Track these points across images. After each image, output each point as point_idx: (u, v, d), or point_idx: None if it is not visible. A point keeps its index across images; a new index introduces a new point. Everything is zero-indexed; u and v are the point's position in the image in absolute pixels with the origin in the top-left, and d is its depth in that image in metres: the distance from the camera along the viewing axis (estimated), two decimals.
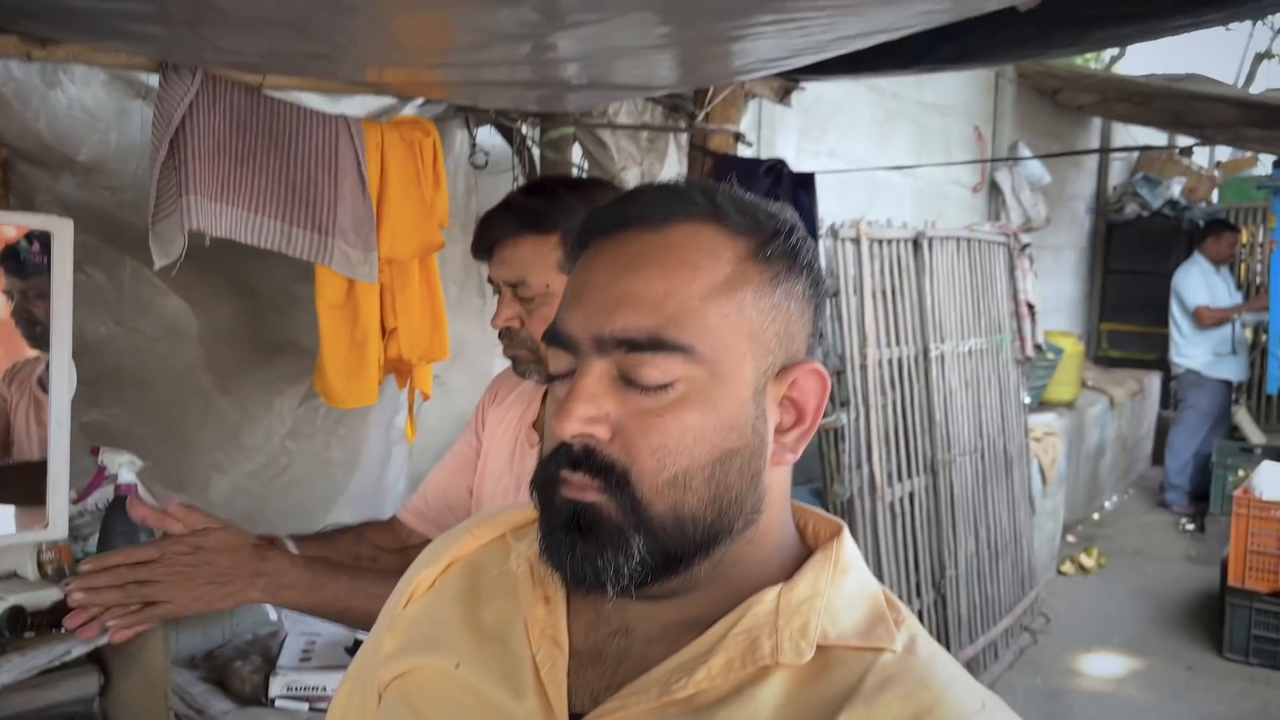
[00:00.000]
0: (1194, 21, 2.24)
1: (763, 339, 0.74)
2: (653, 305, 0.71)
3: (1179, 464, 6.92)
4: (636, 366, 0.71)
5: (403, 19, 1.57)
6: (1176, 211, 8.54)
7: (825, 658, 0.71)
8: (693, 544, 0.72)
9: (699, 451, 0.71)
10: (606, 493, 0.71)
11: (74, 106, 2.16)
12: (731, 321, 0.72)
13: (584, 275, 0.75)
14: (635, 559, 0.70)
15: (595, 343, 0.72)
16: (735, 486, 0.73)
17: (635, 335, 0.70)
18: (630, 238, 0.74)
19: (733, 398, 0.72)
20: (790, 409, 0.76)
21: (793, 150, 4.66)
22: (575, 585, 0.75)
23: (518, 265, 1.49)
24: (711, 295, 0.72)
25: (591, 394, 0.71)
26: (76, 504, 2.14)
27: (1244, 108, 6.05)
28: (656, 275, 0.71)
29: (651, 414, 0.71)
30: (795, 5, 1.51)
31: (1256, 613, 4.38)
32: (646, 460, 0.70)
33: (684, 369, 0.71)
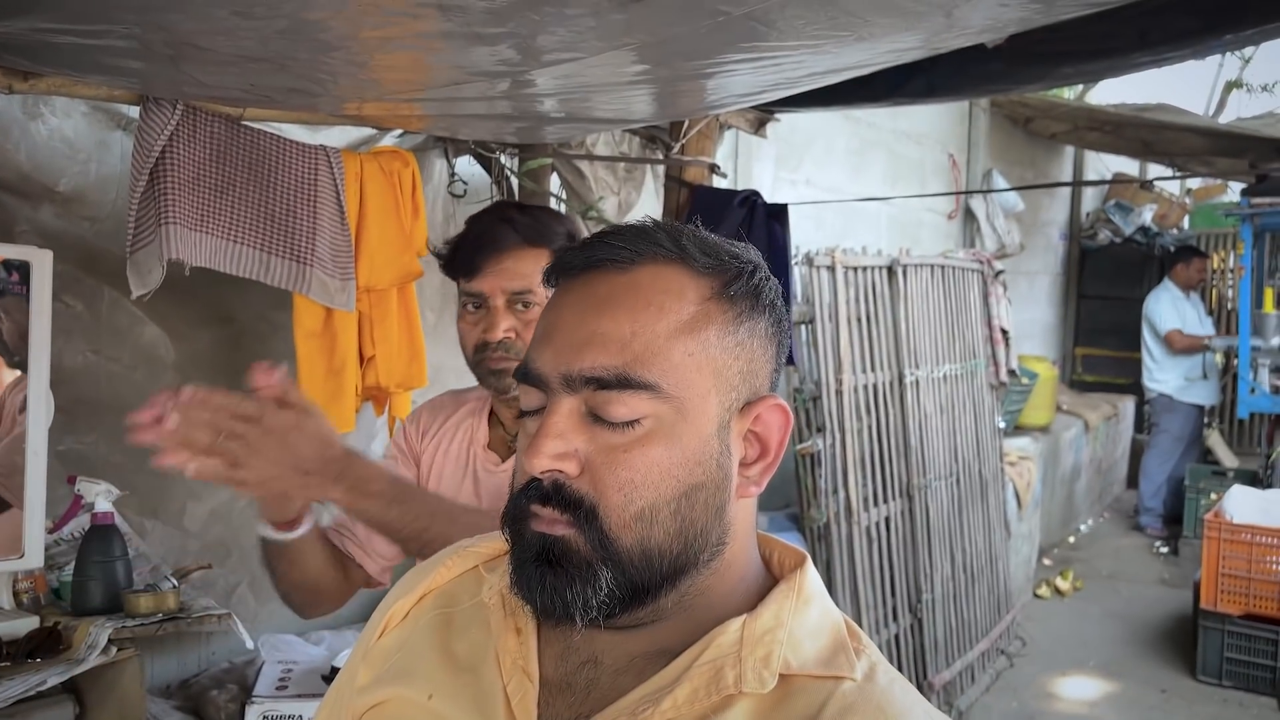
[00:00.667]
0: (1155, 59, 2.31)
1: (727, 376, 0.76)
2: (620, 344, 0.73)
3: (1153, 487, 6.99)
4: (604, 404, 0.73)
5: (381, 57, 1.59)
6: (1148, 238, 8.67)
7: (788, 686, 0.74)
8: (659, 576, 0.74)
9: (665, 486, 0.73)
10: (575, 527, 0.73)
11: (54, 137, 2.18)
12: (696, 360, 0.74)
13: (553, 315, 0.78)
14: (603, 591, 0.73)
15: (564, 381, 0.74)
16: (700, 520, 0.75)
17: (602, 374, 0.73)
18: (598, 278, 0.76)
19: (697, 434, 0.74)
20: (754, 443, 0.79)
21: (769, 179, 4.72)
22: (545, 617, 0.77)
23: (523, 276, 1.52)
24: (677, 334, 0.74)
25: (560, 430, 0.74)
26: (53, 533, 2.13)
27: (1212, 136, 6.16)
28: (623, 315, 0.74)
29: (619, 450, 0.73)
30: (766, 45, 1.55)
31: (1229, 635, 4.43)
32: (613, 495, 0.73)
33: (650, 406, 0.73)
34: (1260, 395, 6.02)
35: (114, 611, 1.98)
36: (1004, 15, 1.49)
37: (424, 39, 1.47)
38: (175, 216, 2.00)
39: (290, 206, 2.23)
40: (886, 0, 1.35)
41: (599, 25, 1.39)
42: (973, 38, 1.65)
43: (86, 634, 1.88)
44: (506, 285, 1.53)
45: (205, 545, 2.60)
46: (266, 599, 2.79)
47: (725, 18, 1.35)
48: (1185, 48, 2.23)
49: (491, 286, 1.54)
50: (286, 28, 1.42)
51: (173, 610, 1.99)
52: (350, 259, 2.35)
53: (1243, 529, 4.43)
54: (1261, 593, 4.38)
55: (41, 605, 2.05)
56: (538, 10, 1.31)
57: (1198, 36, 2.17)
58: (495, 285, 1.54)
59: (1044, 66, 2.42)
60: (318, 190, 2.28)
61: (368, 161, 2.41)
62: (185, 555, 2.47)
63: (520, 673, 0.78)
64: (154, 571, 2.18)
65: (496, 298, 1.54)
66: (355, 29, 1.44)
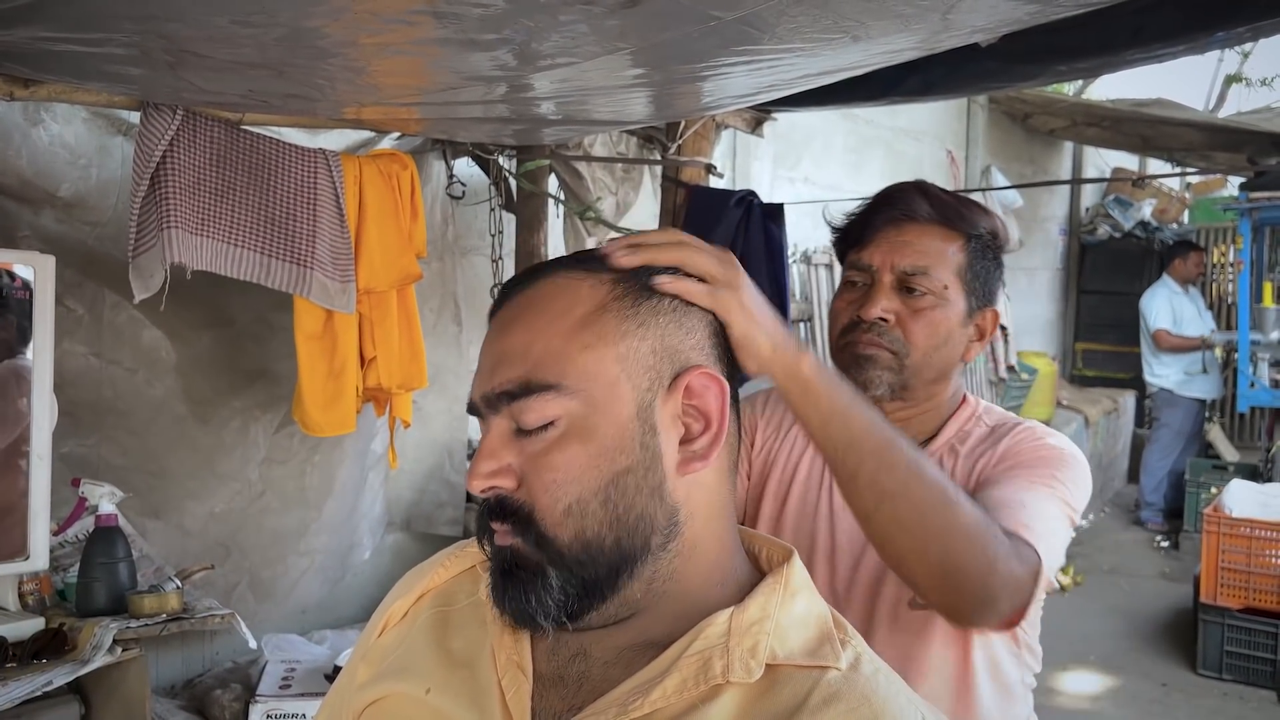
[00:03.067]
0: (1149, 56, 2.31)
1: (636, 358, 0.78)
2: (521, 355, 0.77)
3: (1153, 482, 7.00)
4: (519, 414, 0.77)
5: (379, 63, 1.61)
6: (1148, 233, 8.68)
7: (774, 676, 0.75)
8: (607, 567, 0.76)
9: (588, 478, 0.76)
10: (518, 535, 0.77)
11: (55, 143, 2.19)
12: (595, 351, 0.77)
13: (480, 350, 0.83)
14: (555, 590, 0.76)
15: (485, 402, 0.78)
16: (636, 503, 0.77)
17: (509, 386, 0.76)
18: (507, 305, 0.82)
19: (613, 420, 0.77)
20: (696, 416, 0.80)
21: (767, 177, 4.73)
22: (516, 624, 0.80)
23: (924, 254, 1.31)
24: (572, 332, 0.77)
25: (492, 450, 0.77)
26: (57, 535, 2.15)
27: (1211, 131, 6.17)
28: (521, 329, 0.78)
29: (540, 455, 0.76)
30: (761, 48, 1.56)
31: (1229, 629, 4.44)
32: (542, 497, 0.76)
33: (558, 406, 0.76)
34: (1260, 389, 6.03)
35: (118, 612, 2.00)
36: (998, 15, 1.50)
37: (421, 45, 1.48)
38: (176, 221, 2.02)
39: (290, 210, 2.25)
40: (881, 4, 1.36)
41: (593, 31, 1.40)
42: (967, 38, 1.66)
43: (91, 635, 1.90)
44: (899, 261, 1.31)
45: (205, 546, 2.62)
46: (265, 598, 2.82)
47: (718, 22, 1.36)
48: (1179, 44, 2.24)
49: (883, 259, 1.32)
50: (285, 35, 1.43)
51: (176, 611, 2.01)
52: (350, 261, 2.37)
53: (1242, 523, 4.44)
54: (1261, 586, 4.39)
55: (47, 607, 2.06)
56: (532, 17, 1.33)
57: (1191, 33, 2.17)
58: (887, 258, 1.32)
59: (1039, 64, 2.43)
60: (317, 193, 2.30)
61: (366, 164, 2.43)
62: (185, 555, 2.49)
63: (515, 667, 0.80)
64: (157, 573, 2.19)
65: (885, 273, 1.32)
66: (353, 35, 1.45)
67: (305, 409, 2.37)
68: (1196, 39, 2.23)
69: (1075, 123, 6.77)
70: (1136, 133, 6.40)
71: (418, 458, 3.17)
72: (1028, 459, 1.28)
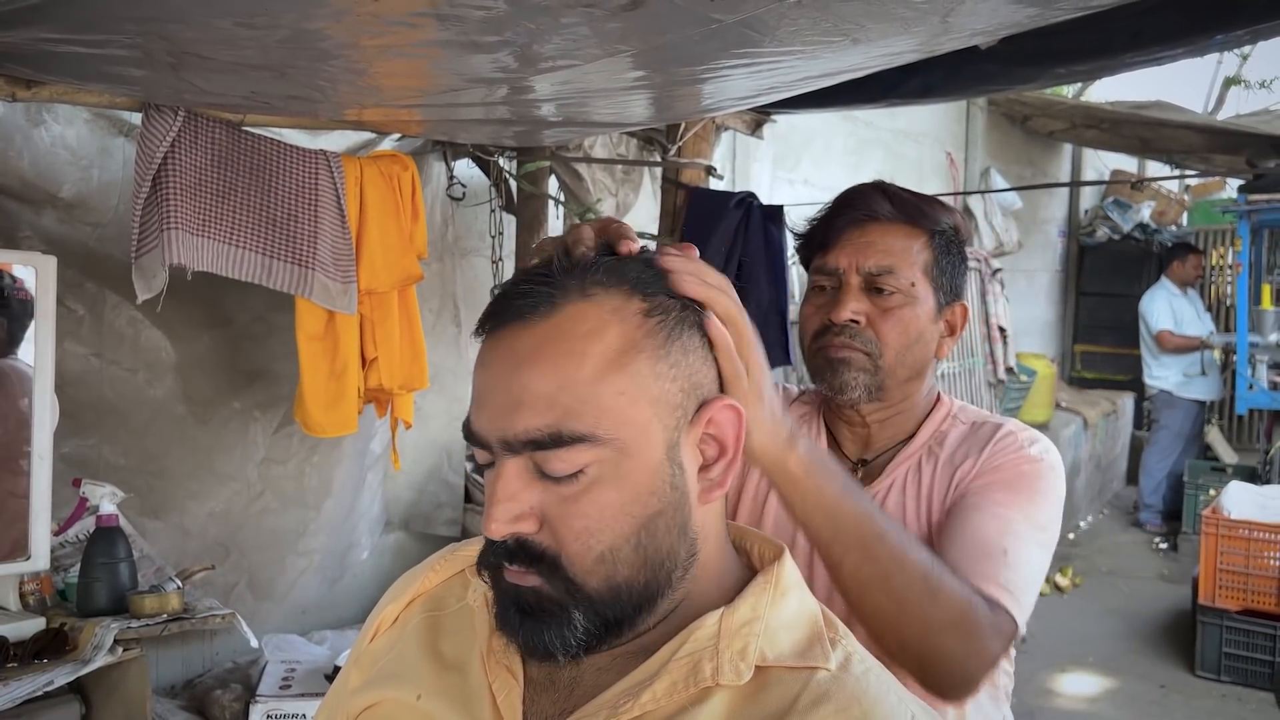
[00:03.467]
0: (1148, 59, 2.32)
1: (667, 400, 0.75)
2: (548, 401, 0.72)
3: (1152, 483, 7.01)
4: (545, 461, 0.73)
5: (381, 65, 1.61)
6: (1147, 235, 8.69)
7: (764, 677, 0.75)
8: (632, 606, 0.76)
9: (621, 525, 0.74)
10: (542, 577, 0.74)
11: (57, 144, 2.20)
12: (629, 396, 0.73)
13: (483, 374, 0.77)
14: (579, 631, 0.74)
15: (503, 445, 0.74)
16: (665, 544, 0.76)
17: (536, 435, 0.72)
18: (519, 331, 0.74)
19: (645, 466, 0.74)
20: (712, 444, 0.79)
21: (767, 178, 4.73)
22: (530, 657, 0.79)
23: (888, 253, 1.30)
24: (603, 376, 0.73)
25: (511, 493, 0.74)
26: (58, 535, 2.16)
27: (1210, 133, 6.18)
28: (547, 369, 0.72)
29: (569, 500, 0.73)
30: (761, 51, 1.57)
31: (1227, 630, 4.44)
32: (573, 545, 0.73)
33: (590, 455, 0.72)
34: (1259, 391, 6.04)
35: (119, 613, 2.00)
36: (998, 18, 1.51)
37: (422, 47, 1.49)
38: (178, 222, 2.02)
39: (291, 211, 2.26)
40: (880, 7, 1.37)
41: (594, 33, 1.41)
42: (966, 40, 1.67)
43: (92, 635, 1.91)
44: (864, 261, 1.30)
45: (204, 546, 2.63)
46: (264, 598, 2.82)
47: (719, 25, 1.37)
48: (1177, 47, 2.25)
49: (848, 261, 1.31)
50: (287, 37, 1.44)
51: (177, 611, 2.02)
52: (351, 262, 2.37)
53: (1240, 525, 4.45)
54: (1259, 588, 4.39)
55: (48, 607, 2.07)
56: (533, 19, 1.33)
57: (1190, 35, 2.18)
58: (852, 260, 1.31)
59: (1038, 66, 2.43)
60: (318, 194, 2.30)
61: (367, 165, 2.43)
62: (185, 555, 2.49)
63: (505, 671, 0.80)
64: (158, 573, 2.20)
65: (851, 275, 1.31)
66: (354, 38, 1.46)
67: (307, 409, 2.38)
68: (1195, 42, 2.24)
69: (1074, 125, 6.78)
70: (1135, 135, 6.40)
71: (416, 458, 3.17)
72: (1008, 475, 1.27)
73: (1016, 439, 1.32)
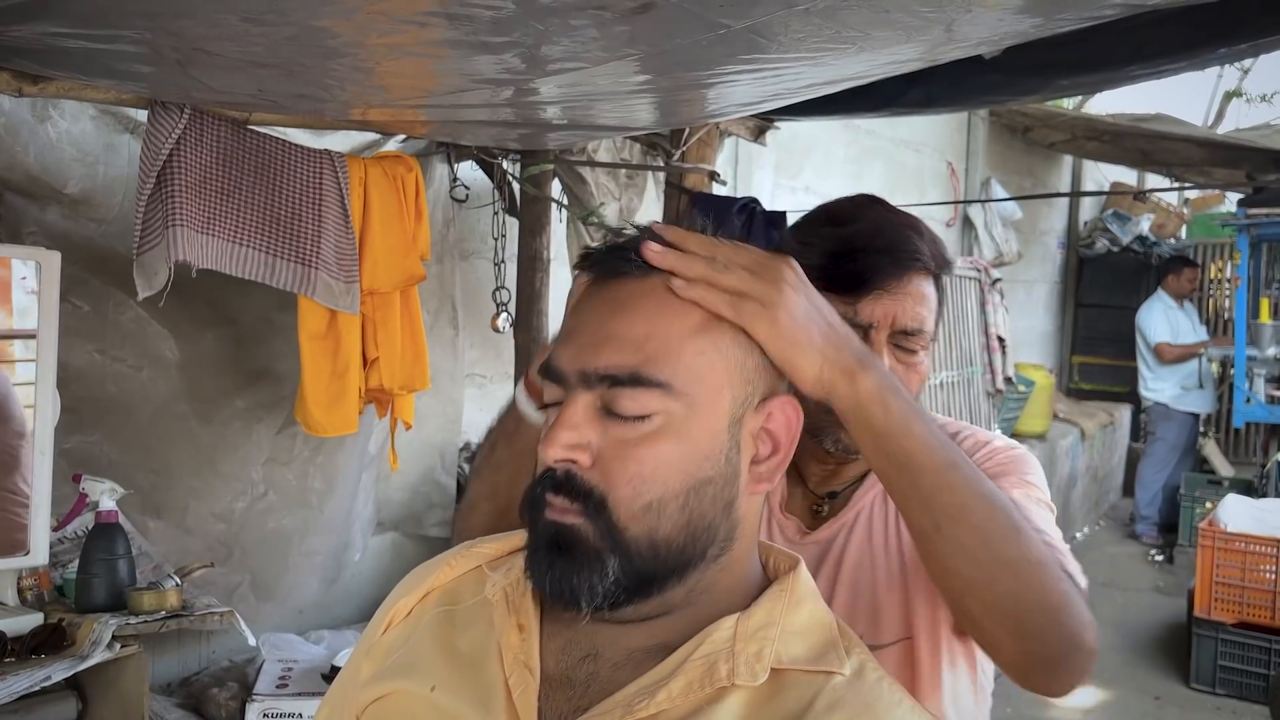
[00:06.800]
0: (1151, 71, 2.34)
1: (741, 373, 0.80)
2: (635, 345, 0.76)
3: (1148, 495, 7.02)
4: (617, 399, 0.76)
5: (388, 64, 1.62)
6: (1146, 247, 8.71)
7: (779, 680, 0.76)
8: (666, 567, 0.77)
9: (673, 480, 0.76)
10: (585, 516, 0.76)
11: (63, 140, 2.20)
12: (708, 359, 0.78)
13: (576, 317, 0.82)
14: (610, 579, 0.75)
15: (581, 377, 0.77)
16: (709, 514, 0.78)
17: (617, 371, 0.76)
18: (619, 284, 0.80)
19: (708, 430, 0.77)
20: (767, 440, 0.82)
21: (769, 186, 4.74)
22: (554, 601, 0.79)
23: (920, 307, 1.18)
24: (690, 335, 0.78)
25: (575, 423, 0.77)
26: (57, 531, 2.16)
27: (1210, 147, 6.20)
28: (640, 318, 0.78)
29: (629, 444, 0.76)
30: (767, 57, 1.57)
31: (1222, 643, 4.45)
32: (623, 488, 0.75)
33: (660, 403, 0.76)
34: (1256, 405, 6.05)
35: (117, 609, 2.00)
36: (1002, 29, 1.52)
37: (430, 47, 1.49)
38: (182, 219, 2.03)
39: (295, 210, 2.26)
40: (886, 15, 1.37)
41: (602, 36, 1.41)
42: (970, 50, 1.68)
43: (90, 631, 1.91)
44: (900, 318, 1.17)
45: (207, 545, 2.62)
46: (267, 598, 2.82)
47: (726, 30, 1.37)
48: (1180, 60, 2.26)
49: (884, 315, 1.16)
50: (295, 34, 1.44)
51: (175, 608, 2.02)
52: (354, 262, 2.38)
53: (1237, 538, 4.46)
54: (1255, 601, 4.40)
55: (46, 602, 2.07)
56: (543, 20, 1.34)
57: (1192, 49, 2.20)
58: (888, 315, 1.16)
59: (1041, 78, 2.45)
60: (322, 194, 2.31)
61: (372, 166, 2.44)
62: (188, 555, 2.49)
63: (522, 667, 0.80)
64: (156, 570, 2.20)
65: (883, 331, 1.17)
66: (363, 36, 1.47)
67: (308, 409, 2.38)
68: (1198, 55, 2.25)
69: (1075, 136, 6.80)
70: (1136, 147, 6.43)
71: (410, 459, 3.17)
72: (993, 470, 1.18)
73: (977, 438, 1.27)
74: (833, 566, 1.21)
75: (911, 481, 0.92)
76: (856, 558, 1.20)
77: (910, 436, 0.91)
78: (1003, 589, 0.93)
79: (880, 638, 1.16)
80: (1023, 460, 1.24)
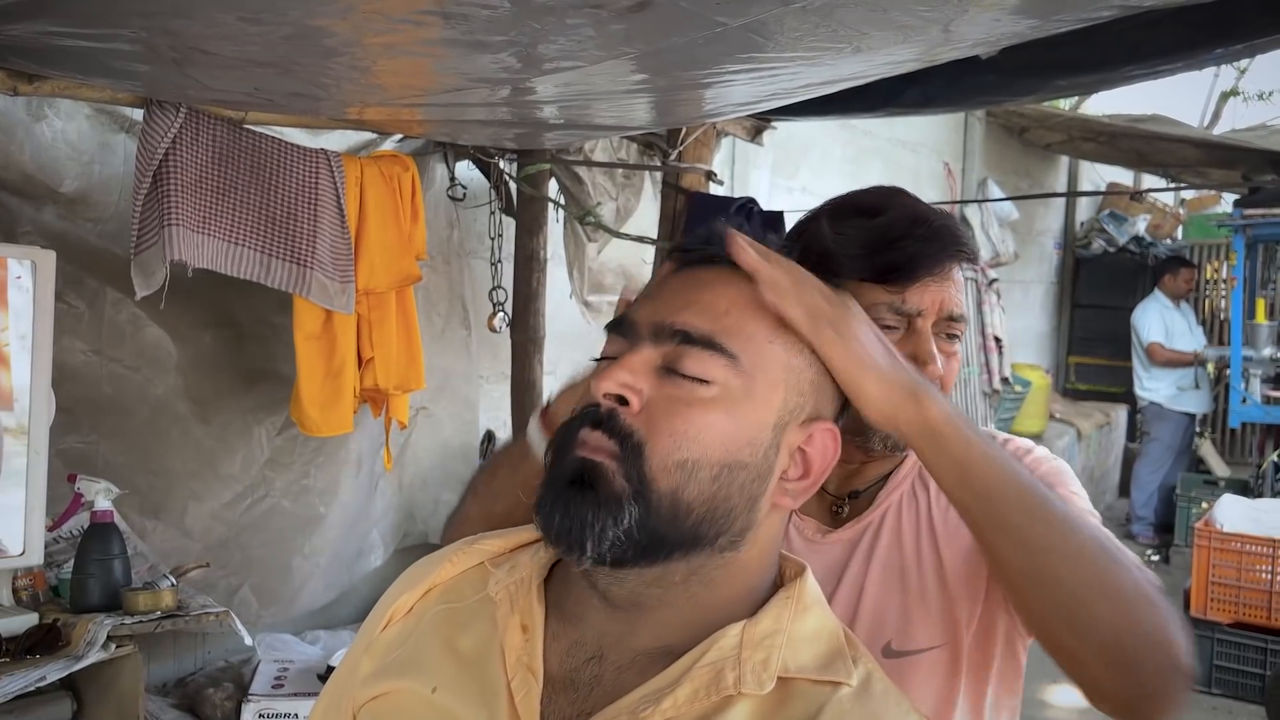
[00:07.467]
0: (1148, 72, 2.34)
1: (800, 378, 0.81)
2: (714, 315, 0.79)
3: (1144, 496, 7.02)
4: (683, 357, 0.77)
5: (385, 63, 1.62)
6: (1142, 248, 8.72)
7: (786, 689, 0.76)
8: (679, 533, 0.76)
9: (713, 449, 0.76)
10: (618, 458, 0.75)
11: (58, 139, 2.20)
12: (776, 349, 0.80)
13: (663, 284, 0.85)
14: (623, 527, 0.74)
15: (654, 330, 0.79)
16: (734, 498, 0.77)
17: (693, 331, 0.78)
18: (706, 269, 0.83)
19: (756, 418, 0.78)
20: (800, 461, 0.81)
21: (766, 186, 4.74)
22: (558, 542, 0.77)
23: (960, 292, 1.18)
24: (765, 329, 0.80)
25: (634, 368, 0.78)
26: (52, 531, 2.15)
27: (1206, 148, 6.21)
28: (724, 296, 0.80)
29: (682, 402, 0.77)
30: (764, 56, 1.57)
31: (1218, 643, 4.44)
32: (664, 438, 0.75)
33: (723, 373, 0.77)
34: (1252, 405, 6.06)
35: (113, 609, 2.00)
36: (999, 29, 1.52)
37: (427, 46, 1.49)
38: (178, 219, 2.03)
39: (291, 210, 2.26)
40: (883, 15, 1.37)
41: (599, 34, 1.41)
42: (967, 50, 1.68)
43: (85, 631, 1.90)
44: (948, 304, 1.16)
45: (207, 547, 2.61)
46: (270, 602, 2.80)
47: (723, 29, 1.37)
48: (1177, 60, 2.26)
49: (932, 301, 1.15)
50: (292, 33, 1.44)
51: (171, 608, 2.01)
52: (350, 262, 2.38)
53: (1233, 538, 4.45)
54: (1251, 601, 4.40)
55: (41, 602, 2.06)
56: (539, 19, 1.34)
57: (1188, 49, 2.20)
58: (936, 300, 1.15)
59: (1038, 79, 2.45)
60: (318, 194, 2.31)
61: (368, 166, 2.43)
62: (187, 557, 2.47)
63: (525, 669, 0.79)
64: (152, 570, 2.19)
65: (930, 319, 1.15)
66: (359, 35, 1.46)
67: (303, 408, 2.38)
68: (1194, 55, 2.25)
69: (1071, 137, 6.81)
70: (1132, 148, 6.43)
71: (430, 461, 3.15)
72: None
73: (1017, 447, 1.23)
74: (861, 566, 1.18)
75: (998, 514, 0.89)
76: (885, 557, 1.18)
77: (992, 464, 0.89)
78: (1102, 621, 0.89)
79: (910, 644, 1.13)
80: (1065, 472, 1.20)
